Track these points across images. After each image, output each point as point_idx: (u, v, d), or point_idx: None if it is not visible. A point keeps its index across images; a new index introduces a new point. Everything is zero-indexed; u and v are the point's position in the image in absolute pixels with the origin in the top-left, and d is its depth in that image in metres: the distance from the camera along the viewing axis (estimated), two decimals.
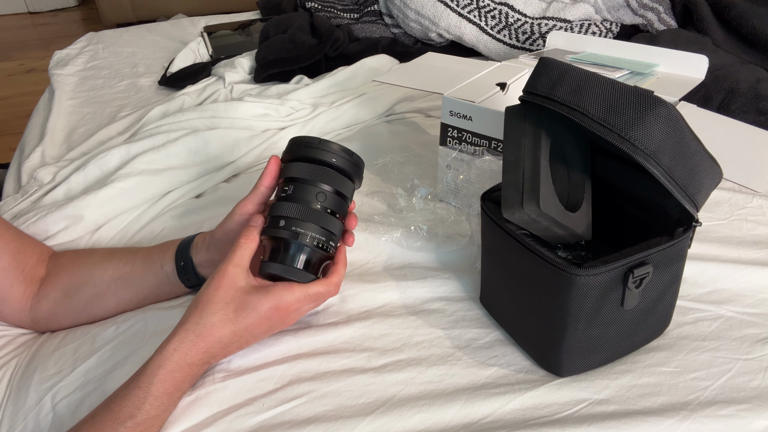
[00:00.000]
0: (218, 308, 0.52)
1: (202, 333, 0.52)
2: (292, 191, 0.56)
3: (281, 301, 0.54)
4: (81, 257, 0.68)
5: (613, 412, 0.52)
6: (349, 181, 0.58)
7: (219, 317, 0.52)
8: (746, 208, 0.78)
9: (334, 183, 0.57)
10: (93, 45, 1.47)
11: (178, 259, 0.64)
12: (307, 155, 0.57)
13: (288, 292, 0.54)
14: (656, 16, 1.20)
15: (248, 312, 0.53)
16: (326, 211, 0.56)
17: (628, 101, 0.47)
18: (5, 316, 0.66)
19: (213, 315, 0.52)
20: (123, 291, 0.65)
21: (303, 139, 0.57)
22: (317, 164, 0.56)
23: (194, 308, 0.52)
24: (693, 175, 0.49)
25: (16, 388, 0.60)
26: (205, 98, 1.11)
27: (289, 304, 0.54)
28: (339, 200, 0.57)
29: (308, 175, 0.56)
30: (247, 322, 0.53)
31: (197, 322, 0.52)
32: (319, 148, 0.56)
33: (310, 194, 0.56)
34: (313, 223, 0.55)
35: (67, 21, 3.46)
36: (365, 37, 1.33)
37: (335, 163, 0.57)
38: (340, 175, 0.57)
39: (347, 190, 0.58)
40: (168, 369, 0.50)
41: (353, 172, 0.58)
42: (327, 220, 0.56)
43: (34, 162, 0.96)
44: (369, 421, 0.52)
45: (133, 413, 0.48)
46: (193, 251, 0.64)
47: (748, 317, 0.62)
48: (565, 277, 0.49)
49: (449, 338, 0.61)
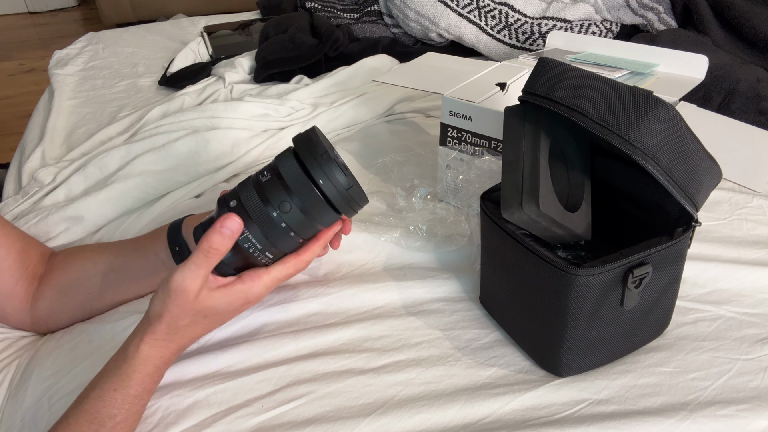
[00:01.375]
0: (186, 317, 0.51)
1: (174, 338, 0.52)
2: (264, 181, 0.51)
3: (250, 295, 0.53)
4: (72, 254, 0.68)
5: (612, 413, 0.52)
6: (331, 209, 0.52)
7: (188, 321, 0.51)
8: (746, 208, 0.78)
9: (307, 203, 0.51)
10: (93, 45, 1.47)
11: (172, 245, 0.64)
12: (304, 158, 0.51)
13: (256, 285, 0.52)
14: (656, 16, 1.20)
15: (218, 313, 0.52)
16: (281, 223, 0.51)
17: (628, 101, 0.47)
18: (8, 316, 0.66)
19: (182, 321, 0.51)
20: (118, 284, 0.66)
21: (314, 139, 0.52)
22: (305, 174, 0.51)
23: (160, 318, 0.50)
24: (692, 175, 0.49)
25: (15, 388, 0.60)
26: (205, 98, 1.11)
27: (259, 294, 0.53)
28: (304, 220, 0.51)
29: (288, 177, 0.51)
30: (218, 319, 0.54)
31: (168, 331, 0.51)
32: (317, 161, 0.50)
33: (276, 197, 0.50)
34: (258, 227, 0.50)
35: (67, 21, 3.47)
36: (365, 37, 1.33)
37: (322, 185, 0.50)
38: (321, 200, 0.51)
39: (322, 217, 0.52)
40: (145, 372, 0.50)
41: (340, 203, 0.52)
42: (275, 233, 0.51)
43: (34, 162, 0.96)
44: (368, 421, 0.52)
45: (113, 414, 0.48)
46: (185, 234, 0.64)
47: (747, 317, 0.62)
48: (565, 277, 0.49)
49: (449, 339, 0.61)
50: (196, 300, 0.50)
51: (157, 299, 0.51)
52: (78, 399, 0.50)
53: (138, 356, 0.50)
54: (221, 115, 0.97)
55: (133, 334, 0.52)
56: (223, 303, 0.52)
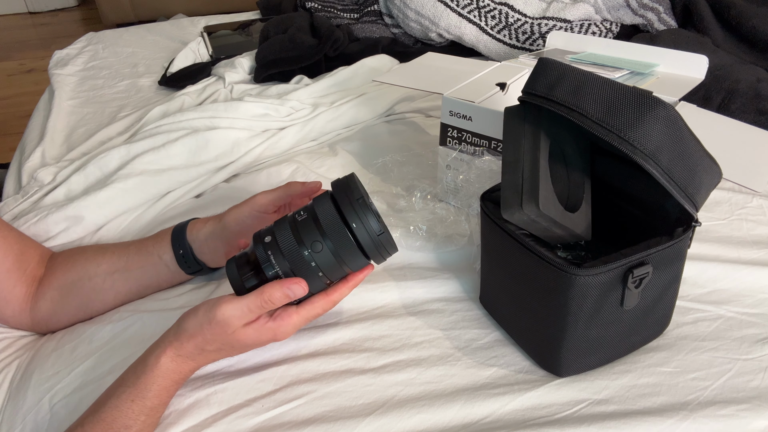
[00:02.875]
0: (215, 346, 0.52)
1: (196, 359, 0.53)
2: (300, 220, 0.53)
3: (278, 331, 0.53)
4: (74, 255, 0.69)
5: (612, 412, 0.52)
6: (361, 254, 0.53)
7: (214, 349, 0.53)
8: (746, 208, 0.78)
9: (339, 245, 0.52)
10: (93, 45, 1.47)
11: (176, 248, 0.64)
12: (340, 201, 0.52)
13: (290, 325, 0.53)
14: (656, 16, 1.20)
15: (245, 345, 0.54)
16: (311, 263, 0.52)
17: (627, 102, 0.47)
18: (7, 318, 0.66)
19: (209, 349, 0.52)
20: (120, 284, 0.66)
21: (352, 185, 0.53)
22: (340, 218, 0.52)
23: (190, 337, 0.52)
24: (692, 175, 0.49)
25: (16, 389, 0.60)
26: (205, 98, 1.11)
27: (288, 332, 0.54)
28: (334, 263, 0.52)
29: (323, 219, 0.52)
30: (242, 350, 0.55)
31: (194, 350, 0.52)
32: (352, 205, 0.52)
33: (309, 237, 0.52)
34: (289, 264, 0.52)
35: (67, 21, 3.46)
36: (365, 37, 1.33)
37: (355, 229, 0.52)
38: (353, 243, 0.52)
39: (352, 261, 0.53)
40: (162, 385, 0.51)
41: (370, 249, 0.53)
42: (305, 271, 0.52)
43: (34, 162, 0.96)
44: (369, 421, 0.52)
45: (128, 424, 0.49)
46: (190, 238, 0.64)
47: (747, 317, 0.62)
48: (565, 277, 0.49)
49: (449, 339, 0.61)
50: (232, 334, 0.51)
51: (193, 319, 0.52)
52: (94, 406, 0.50)
53: (158, 368, 0.50)
54: (221, 115, 0.97)
55: (155, 345, 0.52)
56: (252, 337, 0.53)
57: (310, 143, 0.99)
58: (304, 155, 0.94)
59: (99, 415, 0.48)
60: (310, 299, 0.54)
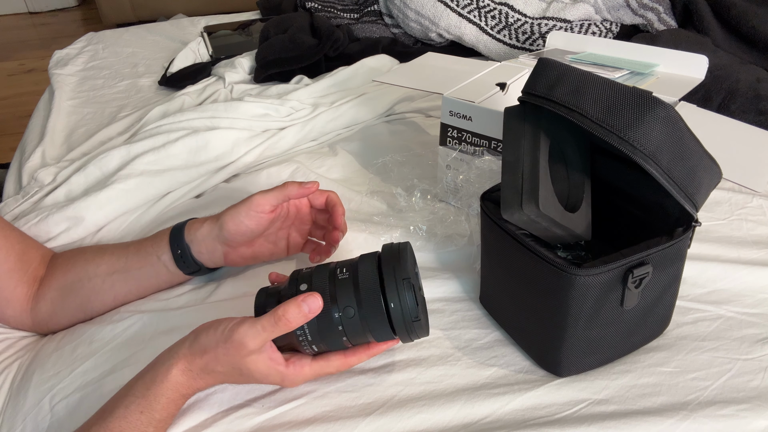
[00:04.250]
0: (225, 368, 0.51)
1: (204, 377, 0.51)
2: (340, 278, 0.52)
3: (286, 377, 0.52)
4: (74, 256, 0.69)
5: (612, 412, 0.52)
6: (390, 330, 0.52)
7: (224, 371, 0.51)
8: (746, 208, 0.78)
9: (370, 317, 0.51)
10: (93, 45, 1.47)
11: (174, 248, 0.64)
12: (386, 274, 0.51)
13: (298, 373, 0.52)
14: (656, 16, 1.20)
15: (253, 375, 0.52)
16: (339, 326, 0.51)
17: (627, 102, 0.47)
18: (8, 318, 0.66)
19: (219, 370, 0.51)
20: (119, 285, 0.66)
21: (402, 258, 0.51)
22: (381, 291, 0.50)
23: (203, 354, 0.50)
24: (692, 176, 0.49)
25: (17, 389, 0.60)
26: (205, 98, 1.11)
27: (295, 381, 0.53)
28: (360, 330, 0.51)
29: (363, 286, 0.51)
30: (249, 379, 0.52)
31: (203, 369, 0.51)
32: (396, 282, 0.50)
33: (344, 300, 0.51)
34: (316, 321, 0.50)
35: (67, 21, 3.46)
36: (365, 37, 1.33)
37: (392, 309, 0.50)
38: (385, 320, 0.51)
39: (378, 333, 0.52)
40: (171, 398, 0.50)
41: (400, 330, 0.51)
42: (329, 332, 0.51)
43: (34, 162, 0.96)
44: (369, 421, 0.52)
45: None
46: (188, 238, 0.64)
47: (747, 317, 0.62)
48: (565, 277, 0.49)
49: (449, 338, 0.61)
50: (244, 358, 0.50)
51: (208, 336, 0.50)
52: (101, 413, 0.49)
53: (168, 380, 0.50)
54: (221, 115, 0.97)
55: (167, 355, 0.51)
56: (262, 371, 0.51)
57: (310, 143, 0.99)
58: (304, 155, 0.94)
59: (107, 423, 0.48)
60: (327, 355, 0.53)
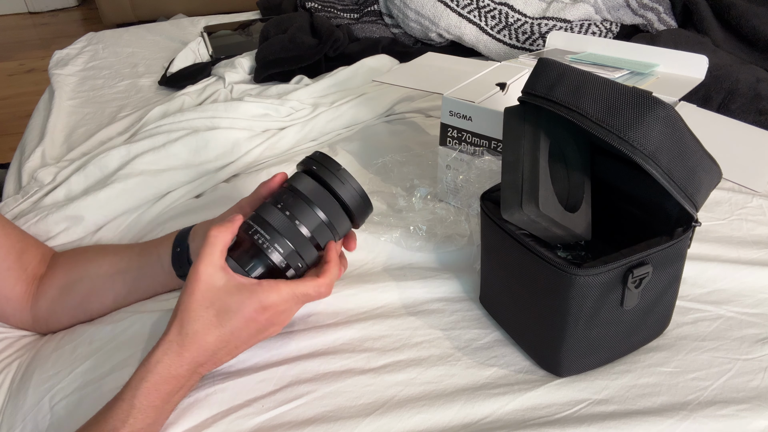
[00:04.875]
0: (198, 315, 0.49)
1: (185, 343, 0.49)
2: (286, 201, 0.54)
3: (266, 301, 0.51)
4: (76, 254, 0.68)
5: (612, 413, 0.52)
6: (348, 220, 0.56)
7: (201, 324, 0.49)
8: (746, 208, 0.78)
9: (331, 215, 0.54)
10: (93, 45, 1.47)
11: (175, 246, 0.64)
12: (320, 175, 0.55)
13: (274, 292, 0.51)
14: (656, 16, 1.20)
15: (231, 314, 0.50)
16: (308, 237, 0.54)
17: (627, 102, 0.47)
18: (8, 316, 0.66)
19: (194, 322, 0.49)
20: (119, 286, 0.65)
21: (326, 158, 0.56)
22: (325, 188, 0.55)
23: (174, 317, 0.50)
24: (692, 176, 0.49)
25: (17, 389, 0.60)
26: (205, 98, 1.11)
27: (276, 304, 0.51)
28: (327, 233, 0.55)
29: (311, 194, 0.54)
30: (231, 326, 0.50)
31: (179, 332, 0.49)
32: (335, 175, 0.55)
33: (302, 213, 0.54)
34: (289, 242, 0.53)
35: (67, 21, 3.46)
36: (365, 37, 1.33)
37: (343, 196, 0.54)
38: (342, 211, 0.55)
39: (341, 227, 0.56)
40: (152, 381, 0.48)
41: (358, 213, 0.56)
42: (304, 247, 0.54)
43: (34, 162, 0.96)
44: (369, 421, 0.52)
45: (116, 426, 0.46)
46: (190, 238, 0.64)
47: (747, 317, 0.62)
48: (565, 277, 0.49)
49: (449, 339, 0.61)
50: (208, 291, 0.49)
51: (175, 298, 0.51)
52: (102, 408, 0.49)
53: (149, 362, 0.48)
54: (221, 115, 0.97)
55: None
56: (235, 301, 0.50)
57: (310, 143, 0.99)
58: (304, 155, 0.93)
59: (97, 417, 0.48)
60: (303, 278, 0.54)
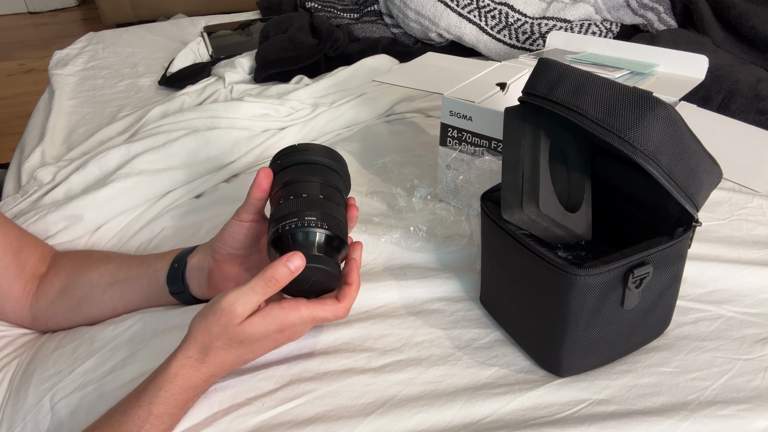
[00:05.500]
0: (222, 342, 0.50)
1: (205, 361, 0.51)
2: (288, 192, 0.56)
3: (286, 322, 0.51)
4: (79, 258, 0.68)
5: (613, 413, 0.52)
6: (335, 173, 0.60)
7: (222, 345, 0.50)
8: (746, 208, 0.78)
9: (324, 176, 0.58)
10: (93, 45, 1.47)
11: (174, 262, 0.64)
12: (292, 161, 0.58)
13: (294, 313, 0.52)
14: (656, 16, 1.20)
15: (253, 340, 0.51)
16: (326, 198, 0.56)
17: (627, 102, 0.47)
18: (6, 313, 0.66)
19: (216, 346, 0.50)
20: (117, 296, 0.65)
21: (284, 149, 0.60)
22: (303, 164, 0.58)
23: (195, 336, 0.50)
24: (692, 176, 0.49)
25: (17, 388, 0.60)
26: (205, 98, 1.11)
27: (294, 324, 0.52)
28: (333, 191, 0.58)
29: (298, 174, 0.57)
30: (252, 347, 0.52)
31: (200, 351, 0.50)
32: (299, 150, 0.59)
33: (306, 188, 0.56)
34: (318, 209, 0.54)
35: (67, 21, 3.46)
36: (365, 37, 1.33)
37: (318, 159, 0.59)
38: (326, 168, 0.59)
39: (338, 182, 0.60)
40: (170, 392, 0.49)
41: (336, 167, 0.60)
42: (328, 206, 0.55)
43: (34, 162, 0.96)
44: (369, 421, 0.52)
45: (131, 430, 0.47)
46: (191, 254, 0.64)
47: (748, 317, 0.62)
48: (565, 277, 0.49)
49: (449, 338, 0.61)
50: (239, 326, 0.49)
51: (199, 315, 0.50)
52: (112, 408, 0.49)
53: (167, 373, 0.49)
54: (221, 115, 0.97)
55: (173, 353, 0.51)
56: (260, 329, 0.50)
57: None
58: None
59: (111, 418, 0.48)
60: (321, 299, 0.54)
